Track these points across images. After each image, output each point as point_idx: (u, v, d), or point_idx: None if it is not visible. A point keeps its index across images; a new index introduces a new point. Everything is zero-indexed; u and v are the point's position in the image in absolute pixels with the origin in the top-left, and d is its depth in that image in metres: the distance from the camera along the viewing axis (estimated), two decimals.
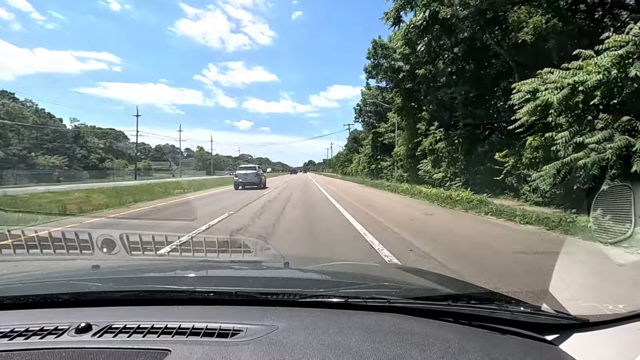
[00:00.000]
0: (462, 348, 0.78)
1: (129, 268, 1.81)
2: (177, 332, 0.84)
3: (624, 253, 4.27)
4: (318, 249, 4.99)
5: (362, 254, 4.68)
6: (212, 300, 1.06)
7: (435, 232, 6.52)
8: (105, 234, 2.09)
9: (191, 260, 2.15)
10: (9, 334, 0.84)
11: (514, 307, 0.99)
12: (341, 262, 2.64)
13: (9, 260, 2.31)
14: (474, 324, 0.93)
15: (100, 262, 1.74)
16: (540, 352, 0.84)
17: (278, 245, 4.89)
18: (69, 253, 2.02)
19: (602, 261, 4.11)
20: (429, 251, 4.77)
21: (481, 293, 1.20)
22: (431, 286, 1.38)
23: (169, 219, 8.07)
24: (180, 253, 2.28)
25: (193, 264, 1.98)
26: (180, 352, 0.75)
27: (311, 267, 1.84)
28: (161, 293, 1.13)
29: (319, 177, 48.70)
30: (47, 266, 2.09)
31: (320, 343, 0.78)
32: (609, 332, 0.89)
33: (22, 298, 1.06)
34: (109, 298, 1.10)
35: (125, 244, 2.01)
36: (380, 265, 3.19)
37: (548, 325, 0.93)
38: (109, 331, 0.85)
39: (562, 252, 4.49)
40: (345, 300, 1.01)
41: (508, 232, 6.45)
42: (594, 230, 5.09)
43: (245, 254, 2.25)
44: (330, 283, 1.37)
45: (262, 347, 0.77)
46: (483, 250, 5.02)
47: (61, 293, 1.09)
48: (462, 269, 3.91)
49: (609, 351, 0.86)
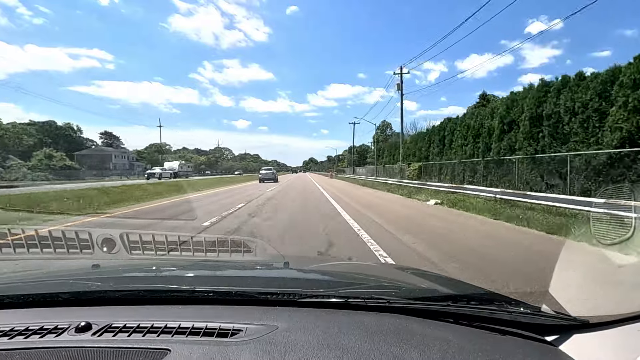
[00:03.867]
0: (461, 349, 0.78)
1: (129, 267, 1.81)
2: (177, 331, 0.84)
3: (624, 254, 4.26)
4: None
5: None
6: (212, 300, 1.06)
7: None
8: (105, 233, 2.09)
9: (191, 260, 2.15)
10: (8, 333, 0.84)
11: (514, 308, 0.99)
12: (341, 262, 2.64)
13: (9, 259, 2.31)
14: (473, 324, 0.93)
15: (100, 261, 1.74)
16: (540, 353, 0.83)
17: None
18: (69, 252, 2.02)
19: (602, 262, 4.11)
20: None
21: (481, 294, 1.20)
22: (431, 287, 1.37)
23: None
24: (180, 253, 2.27)
25: (193, 264, 1.98)
26: (180, 352, 0.75)
27: (311, 267, 1.84)
28: (161, 292, 1.13)
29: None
30: (47, 265, 2.09)
31: (320, 343, 0.78)
32: (609, 333, 0.89)
33: (22, 297, 1.06)
34: (108, 297, 1.10)
35: (125, 243, 2.01)
36: (380, 265, 3.19)
37: (548, 326, 0.93)
38: (109, 330, 0.85)
39: (562, 253, 4.48)
40: (345, 301, 1.01)
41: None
42: (594, 231, 5.10)
43: (245, 253, 2.25)
44: (330, 283, 1.37)
45: (261, 347, 0.77)
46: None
47: (61, 292, 1.09)
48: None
49: (609, 352, 0.86)
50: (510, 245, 5.56)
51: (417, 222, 7.97)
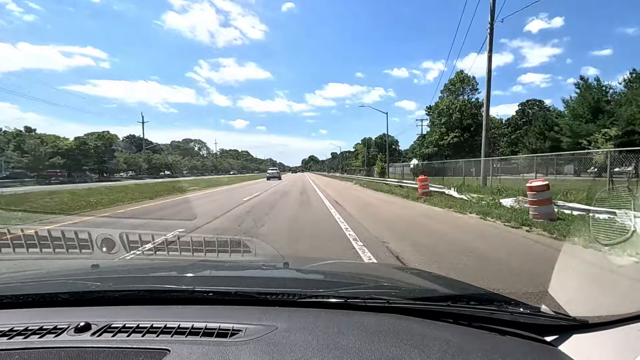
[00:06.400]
0: (461, 349, 0.78)
1: (128, 267, 1.81)
2: (176, 331, 0.84)
3: (622, 255, 4.27)
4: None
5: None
6: (211, 300, 1.06)
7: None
8: (104, 233, 2.09)
9: (190, 260, 2.15)
10: (8, 333, 0.84)
11: (514, 308, 0.99)
12: (341, 262, 2.64)
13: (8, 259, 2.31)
14: (473, 324, 0.93)
15: (100, 261, 1.74)
16: (539, 353, 0.84)
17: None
18: (69, 252, 2.02)
19: (601, 263, 4.11)
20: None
21: (480, 294, 1.20)
22: (430, 287, 1.37)
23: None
24: (180, 253, 2.28)
25: (192, 264, 1.98)
26: (179, 352, 0.75)
27: (310, 267, 1.84)
28: (160, 293, 1.13)
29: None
30: (47, 265, 2.09)
31: (320, 343, 0.78)
32: (608, 333, 0.89)
33: (22, 297, 1.06)
34: (108, 297, 1.10)
35: (125, 243, 2.01)
36: (380, 265, 3.19)
37: (547, 327, 0.93)
38: (108, 330, 0.85)
39: (562, 254, 4.48)
40: (344, 301, 1.01)
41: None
42: (593, 232, 5.10)
43: (245, 253, 2.25)
44: (330, 283, 1.37)
45: (261, 347, 0.77)
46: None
47: (60, 292, 1.09)
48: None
49: (608, 352, 0.86)
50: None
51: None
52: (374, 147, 75.04)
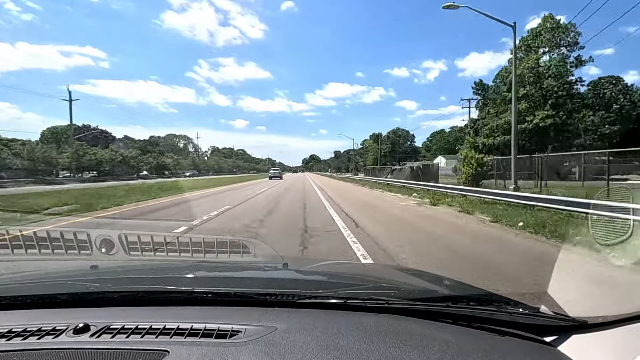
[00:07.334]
0: (460, 349, 0.78)
1: (127, 268, 1.81)
2: (176, 332, 0.84)
3: (621, 255, 4.27)
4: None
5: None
6: (210, 301, 1.06)
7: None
8: (103, 234, 2.08)
9: (190, 261, 2.15)
10: (6, 335, 0.84)
11: (513, 308, 0.99)
12: (340, 262, 2.64)
13: (7, 260, 2.30)
14: (472, 325, 0.93)
15: (99, 262, 1.74)
16: (539, 353, 0.84)
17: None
18: (68, 253, 2.01)
19: (600, 263, 4.12)
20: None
21: (480, 294, 1.20)
22: (430, 287, 1.37)
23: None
24: (179, 254, 2.27)
25: (192, 265, 1.98)
26: (179, 353, 0.75)
27: (310, 268, 1.84)
28: (159, 294, 1.13)
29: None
30: (45, 266, 2.08)
31: (319, 344, 0.78)
32: (608, 333, 0.90)
33: (20, 298, 1.06)
34: (107, 298, 1.09)
35: (124, 244, 2.01)
36: (379, 266, 3.19)
37: (547, 327, 0.93)
38: (107, 332, 0.84)
39: (561, 254, 4.49)
40: (343, 301, 1.01)
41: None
42: (592, 232, 5.11)
43: (244, 254, 2.24)
44: (329, 284, 1.37)
45: (260, 348, 0.76)
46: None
47: (59, 293, 1.08)
48: None
49: (608, 353, 0.86)
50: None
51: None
52: (386, 142, 68.64)
